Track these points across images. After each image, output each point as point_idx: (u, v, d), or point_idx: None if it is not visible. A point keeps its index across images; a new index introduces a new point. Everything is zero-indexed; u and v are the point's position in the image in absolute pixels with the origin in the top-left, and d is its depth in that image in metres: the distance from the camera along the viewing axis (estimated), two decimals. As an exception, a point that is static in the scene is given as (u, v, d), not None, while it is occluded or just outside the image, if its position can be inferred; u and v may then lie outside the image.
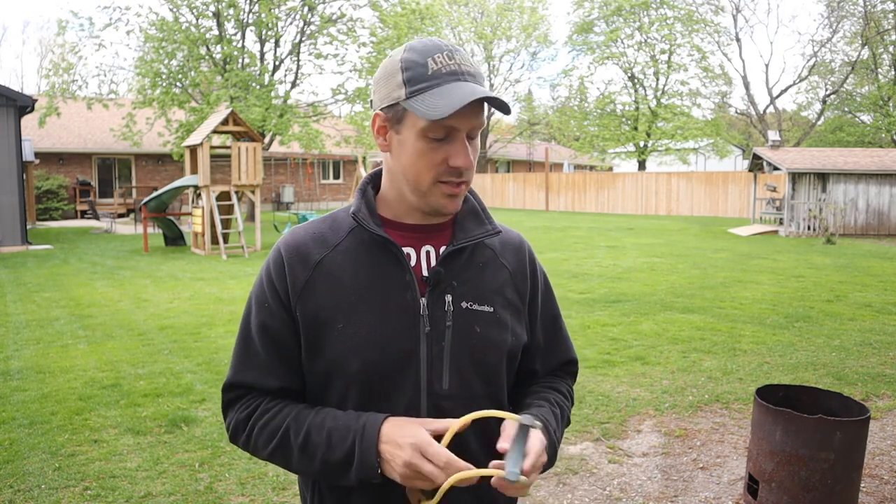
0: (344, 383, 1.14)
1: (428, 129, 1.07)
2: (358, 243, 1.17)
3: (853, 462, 2.93)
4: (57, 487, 3.41)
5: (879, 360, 5.79)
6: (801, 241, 16.60)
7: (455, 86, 1.06)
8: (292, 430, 1.13)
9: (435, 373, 1.14)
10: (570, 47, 35.65)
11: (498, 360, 1.20)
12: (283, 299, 1.16)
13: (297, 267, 1.16)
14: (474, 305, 1.17)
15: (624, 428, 4.28)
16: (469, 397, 1.16)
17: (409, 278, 1.14)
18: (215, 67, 21.37)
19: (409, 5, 22.22)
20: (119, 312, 7.76)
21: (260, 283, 1.20)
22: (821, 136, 33.94)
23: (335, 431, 1.09)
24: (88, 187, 25.40)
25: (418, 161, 1.10)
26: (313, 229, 1.21)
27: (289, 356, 1.18)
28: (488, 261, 1.23)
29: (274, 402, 1.17)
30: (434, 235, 1.20)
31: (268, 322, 1.17)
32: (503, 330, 1.20)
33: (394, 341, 1.13)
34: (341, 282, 1.15)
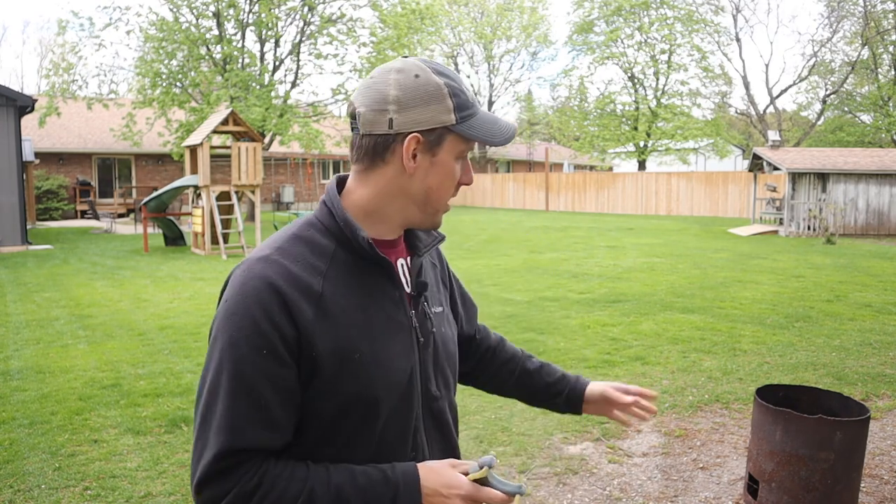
0: (364, 409, 1.10)
1: (461, 152, 1.14)
2: (344, 265, 1.12)
3: (853, 462, 2.93)
4: (57, 487, 3.41)
5: (879, 360, 5.79)
6: (801, 241, 16.60)
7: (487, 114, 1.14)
8: (318, 493, 1.02)
9: (427, 378, 1.20)
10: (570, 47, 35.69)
11: (457, 353, 1.32)
12: (289, 343, 1.04)
13: (301, 303, 1.05)
14: (436, 308, 1.25)
15: (624, 428, 4.28)
16: (448, 394, 1.26)
17: (401, 295, 1.17)
18: (215, 67, 21.37)
19: (409, 5, 22.22)
20: (119, 312, 7.76)
21: (252, 326, 1.03)
22: (821, 136, 33.95)
23: (370, 488, 1.05)
24: (88, 187, 25.41)
25: (447, 181, 1.14)
26: (294, 256, 1.09)
27: (293, 406, 1.07)
28: (430, 262, 1.31)
29: (281, 467, 1.05)
30: (399, 248, 1.22)
31: (273, 370, 1.03)
32: (453, 325, 1.32)
33: (402, 359, 1.15)
34: (346, 310, 1.09)
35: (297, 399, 1.06)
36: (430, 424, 1.21)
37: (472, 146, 1.15)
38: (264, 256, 1.08)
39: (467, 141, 1.12)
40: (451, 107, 1.09)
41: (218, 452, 1.02)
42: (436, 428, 1.22)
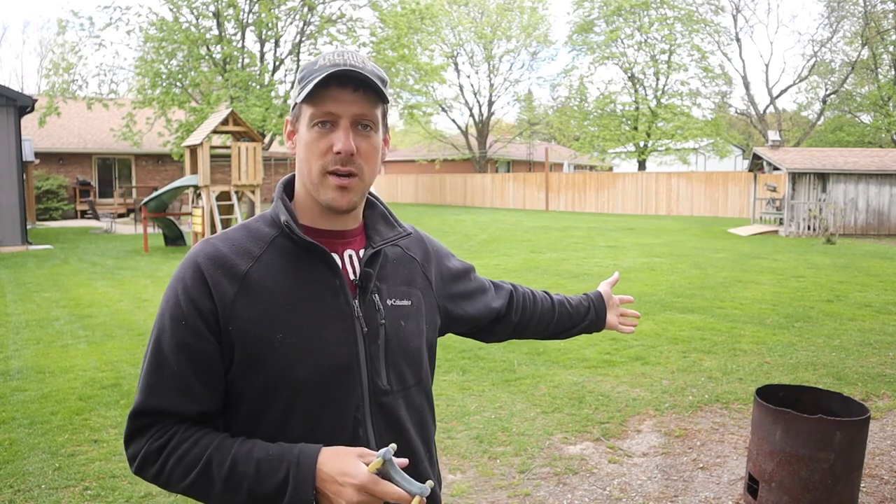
0: (290, 393, 1.12)
1: (312, 116, 1.13)
2: (281, 252, 1.16)
3: (853, 462, 2.93)
4: (57, 487, 3.41)
5: (879, 360, 5.79)
6: (801, 241, 16.59)
7: (328, 72, 1.11)
8: (215, 461, 1.06)
9: (374, 371, 1.18)
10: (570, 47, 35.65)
11: (422, 350, 1.28)
12: (206, 316, 1.10)
13: (222, 281, 1.11)
14: (396, 301, 1.24)
15: (624, 428, 4.28)
16: (405, 390, 1.23)
17: (341, 283, 1.17)
18: (215, 67, 21.37)
19: (409, 5, 22.21)
20: (119, 312, 7.76)
21: (174, 299, 1.12)
22: (821, 136, 33.94)
23: (265, 462, 1.04)
24: (88, 187, 25.40)
25: (308, 152, 1.14)
26: (230, 240, 1.17)
27: (210, 377, 1.11)
28: (399, 257, 1.30)
29: (192, 431, 1.10)
30: (351, 240, 1.23)
31: (188, 341, 1.10)
32: (420, 320, 1.28)
33: (335, 346, 1.14)
34: (272, 292, 1.12)
35: (216, 371, 1.11)
36: (378, 419, 1.18)
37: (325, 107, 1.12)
38: (205, 240, 1.18)
39: (313, 104, 1.12)
40: (297, 81, 1.16)
41: (132, 412, 1.11)
42: (386, 424, 1.19)
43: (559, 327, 1.65)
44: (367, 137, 1.15)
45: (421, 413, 1.27)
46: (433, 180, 35.80)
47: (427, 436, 1.29)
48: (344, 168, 1.13)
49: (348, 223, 1.23)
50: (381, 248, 1.24)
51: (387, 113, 1.22)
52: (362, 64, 1.13)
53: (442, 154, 36.89)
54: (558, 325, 1.65)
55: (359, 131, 1.14)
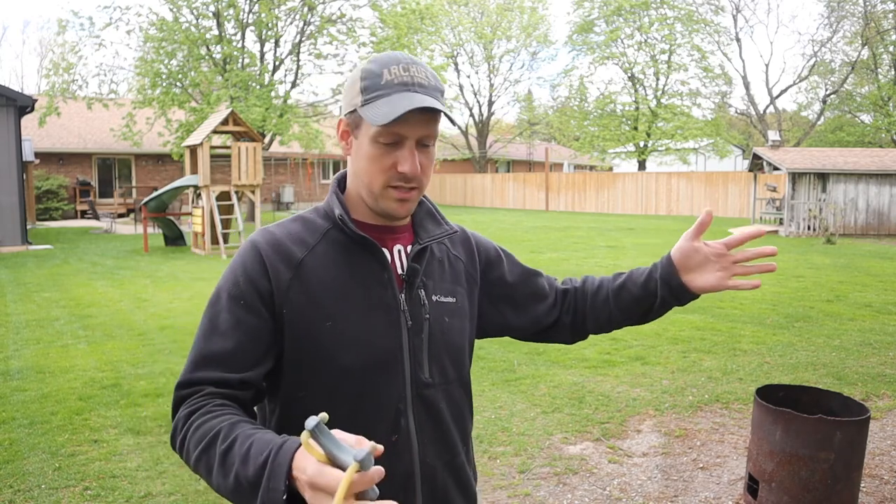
0: (332, 380, 1.16)
1: (378, 134, 1.14)
2: (334, 244, 1.21)
3: (853, 462, 2.93)
4: (57, 487, 3.41)
5: (879, 360, 5.79)
6: (801, 241, 16.59)
7: (402, 95, 1.12)
8: (221, 435, 1.00)
9: (417, 364, 1.21)
10: (570, 47, 35.66)
11: (463, 346, 1.30)
12: (264, 296, 1.14)
13: (279, 266, 1.16)
14: (441, 298, 1.26)
15: (624, 428, 4.28)
16: (446, 384, 1.25)
17: (389, 276, 1.21)
18: (215, 67, 21.36)
19: (409, 5, 22.21)
20: (119, 312, 7.76)
21: (234, 279, 1.16)
22: (821, 136, 33.94)
23: (256, 444, 0.96)
24: (88, 187, 25.40)
25: (370, 165, 1.17)
26: (287, 229, 1.22)
27: (259, 354, 1.13)
28: (445, 256, 1.32)
29: (222, 403, 1.08)
30: (400, 236, 1.27)
31: (245, 318, 1.13)
32: (464, 317, 1.31)
33: (380, 337, 1.18)
34: (325, 281, 1.17)
35: (267, 349, 1.14)
36: (420, 411, 1.21)
37: (393, 128, 1.11)
38: (263, 229, 1.22)
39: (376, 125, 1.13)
40: (358, 90, 1.16)
41: (177, 382, 1.13)
42: (427, 416, 1.22)
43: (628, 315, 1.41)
44: (427, 152, 1.18)
45: (460, 407, 1.30)
46: (433, 180, 35.80)
47: (465, 429, 1.31)
48: (407, 185, 1.17)
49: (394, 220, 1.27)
50: (428, 245, 1.27)
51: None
52: (428, 81, 1.16)
53: (442, 154, 36.88)
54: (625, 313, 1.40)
55: (421, 149, 1.17)
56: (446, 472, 1.24)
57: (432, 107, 1.11)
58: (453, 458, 1.26)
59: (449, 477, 1.25)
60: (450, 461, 1.25)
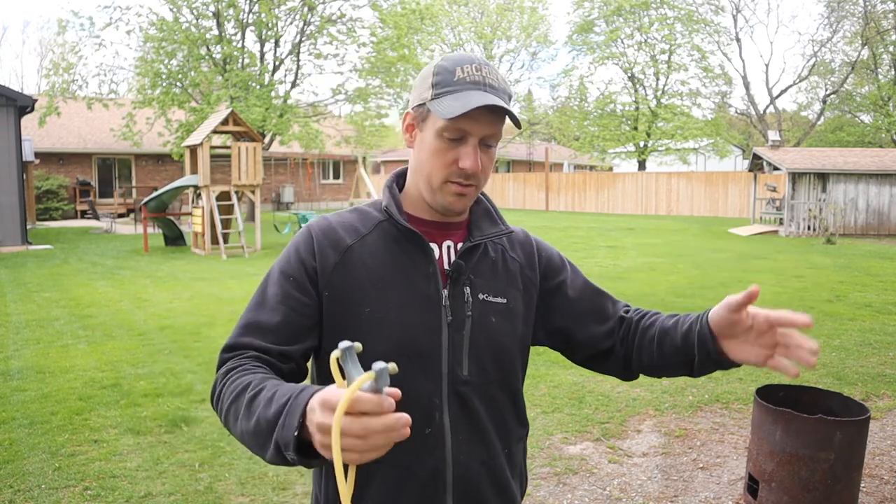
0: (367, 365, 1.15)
1: (444, 129, 1.16)
2: (386, 234, 1.24)
3: (853, 462, 2.93)
4: (57, 487, 3.41)
5: (879, 360, 5.79)
6: (801, 241, 16.59)
7: (472, 93, 1.14)
8: (252, 384, 1.02)
9: (455, 360, 1.21)
10: (570, 47, 35.64)
11: (510, 348, 1.28)
12: (310, 276, 1.19)
13: (327, 249, 1.21)
14: (490, 297, 1.25)
15: (624, 428, 4.28)
16: (485, 383, 1.24)
17: (434, 270, 1.22)
18: (215, 67, 21.36)
19: (409, 5, 22.21)
20: (119, 312, 7.76)
21: (287, 258, 1.23)
22: (821, 136, 33.93)
23: (281, 389, 0.96)
24: (88, 187, 25.39)
25: (433, 158, 1.19)
26: (342, 218, 1.27)
27: (302, 330, 1.18)
28: (500, 256, 1.31)
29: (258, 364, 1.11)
30: (454, 232, 1.28)
31: (291, 293, 1.18)
32: (515, 320, 1.28)
33: (418, 329, 1.19)
34: (370, 269, 1.21)
35: (305, 324, 1.18)
36: (455, 407, 1.20)
37: (459, 124, 1.14)
38: (321, 216, 1.28)
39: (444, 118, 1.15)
40: (429, 84, 1.18)
41: (223, 346, 1.18)
42: (463, 412, 1.21)
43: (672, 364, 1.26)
44: (488, 152, 1.20)
45: (500, 410, 1.27)
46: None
47: (507, 434, 1.28)
48: (466, 182, 1.19)
49: (451, 216, 1.28)
50: (481, 243, 1.27)
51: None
52: (499, 84, 1.18)
53: (442, 154, 36.81)
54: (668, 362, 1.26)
55: (483, 148, 1.19)
56: (483, 470, 1.23)
57: (502, 106, 1.13)
58: (492, 459, 1.25)
59: (485, 476, 1.24)
60: (487, 461, 1.24)
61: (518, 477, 1.33)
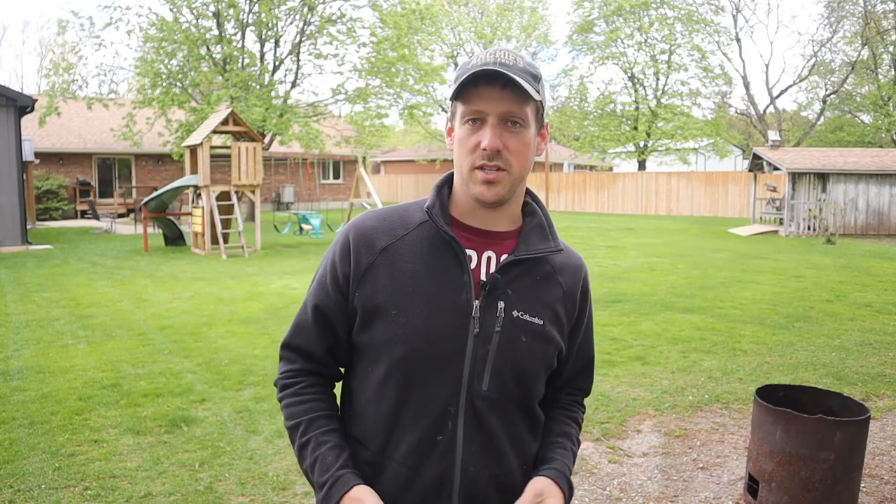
0: (389, 365, 1.19)
1: (463, 115, 1.17)
2: (424, 237, 1.22)
3: (853, 462, 2.93)
4: (57, 487, 3.41)
5: (879, 360, 5.79)
6: (801, 241, 16.59)
7: (479, 70, 1.13)
8: (301, 429, 1.24)
9: (476, 373, 1.19)
10: (570, 47, 35.63)
11: (537, 371, 1.25)
12: (341, 281, 1.23)
13: (362, 251, 1.22)
14: (525, 316, 1.22)
15: (624, 428, 4.28)
16: (503, 401, 1.22)
17: (467, 279, 1.19)
18: (215, 67, 21.36)
19: (409, 5, 22.20)
20: (119, 312, 7.76)
21: (325, 263, 1.28)
22: (821, 136, 33.92)
23: (320, 460, 1.20)
24: (88, 187, 25.39)
25: (459, 148, 1.19)
26: (384, 217, 1.27)
27: (334, 332, 1.26)
28: (545, 276, 1.27)
29: (308, 388, 1.27)
30: (498, 243, 1.25)
31: (322, 301, 1.25)
32: (548, 344, 1.25)
33: (442, 336, 1.18)
34: (402, 271, 1.20)
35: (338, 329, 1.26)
36: (471, 419, 1.18)
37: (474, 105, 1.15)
38: (364, 213, 1.29)
39: (464, 103, 1.16)
40: (453, 80, 1.18)
41: (282, 343, 1.33)
42: (477, 428, 1.19)
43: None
44: (516, 134, 1.16)
45: (517, 429, 1.25)
46: (433, 180, 35.70)
47: (525, 451, 1.27)
48: (491, 163, 1.15)
49: (499, 223, 1.25)
50: (527, 259, 1.23)
51: (541, 109, 1.22)
52: (513, 62, 1.15)
53: (442, 154, 36.85)
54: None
55: (508, 128, 1.15)
56: (492, 484, 1.21)
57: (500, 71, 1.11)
58: (505, 475, 1.23)
59: (494, 490, 1.22)
60: (499, 475, 1.22)
61: None
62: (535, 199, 1.35)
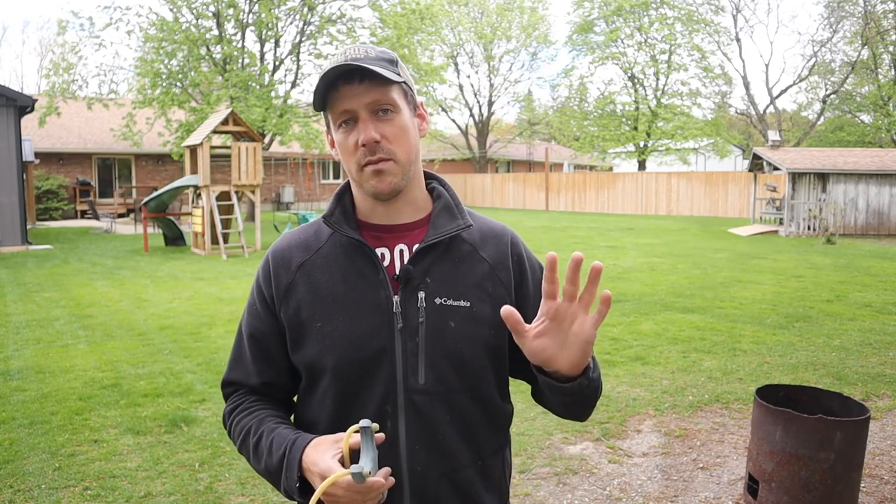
0: (324, 378, 1.19)
1: (334, 119, 1.16)
2: (336, 247, 1.22)
3: (853, 462, 2.93)
4: (57, 487, 3.41)
5: (879, 360, 5.79)
6: (801, 241, 16.59)
7: (334, 72, 1.11)
8: (252, 431, 1.22)
9: (410, 368, 1.16)
10: (570, 47, 35.67)
11: (475, 355, 1.19)
12: (268, 303, 1.24)
13: (281, 271, 1.23)
14: (449, 301, 1.17)
15: (624, 428, 4.28)
16: (446, 392, 1.17)
17: (382, 277, 1.18)
18: (215, 67, 21.36)
19: (409, 5, 22.21)
20: (119, 312, 7.76)
21: (252, 289, 1.29)
22: (821, 136, 33.92)
23: (276, 439, 1.17)
24: (88, 187, 25.39)
25: (343, 154, 1.18)
26: (298, 235, 1.28)
27: (272, 357, 1.26)
28: (465, 255, 1.22)
29: (253, 402, 1.28)
30: (407, 234, 1.22)
31: (255, 326, 1.26)
32: (480, 324, 1.19)
33: (368, 338, 1.16)
34: (320, 283, 1.20)
35: (275, 350, 1.25)
36: (411, 416, 1.15)
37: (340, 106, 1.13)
38: (283, 236, 1.30)
39: (331, 109, 1.15)
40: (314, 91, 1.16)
41: (221, 383, 1.34)
42: (421, 423, 1.16)
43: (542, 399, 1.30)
44: (389, 121, 1.14)
45: (469, 419, 1.20)
46: (433, 180, 35.68)
47: (479, 445, 1.21)
48: (374, 157, 1.14)
49: (404, 215, 1.22)
50: (439, 242, 1.19)
51: (409, 91, 1.19)
52: (364, 54, 1.13)
53: (442, 154, 36.88)
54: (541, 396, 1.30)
55: (380, 118, 1.14)
56: (443, 483, 1.17)
57: (353, 66, 1.09)
58: (455, 472, 1.18)
59: (447, 489, 1.18)
60: (449, 473, 1.18)
61: (494, 490, 1.25)
62: (441, 182, 1.30)
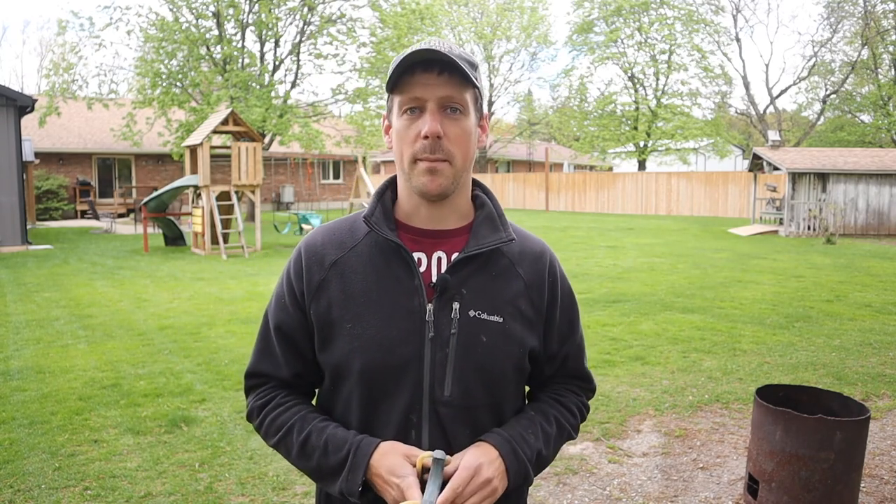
0: (349, 381, 1.17)
1: (400, 105, 1.13)
2: (372, 246, 1.19)
3: (853, 462, 2.93)
4: (57, 487, 3.41)
5: (879, 360, 5.79)
6: (801, 241, 16.59)
7: (414, 57, 1.10)
8: (296, 429, 1.19)
9: (437, 379, 1.14)
10: (570, 47, 35.66)
11: (503, 371, 1.18)
12: (298, 298, 1.21)
13: (314, 267, 1.20)
14: (483, 315, 1.16)
15: (624, 428, 4.28)
16: (470, 406, 1.16)
17: (418, 283, 1.15)
18: (215, 67, 21.36)
19: (409, 5, 22.20)
20: (119, 312, 7.76)
21: (281, 281, 1.26)
22: (821, 136, 33.93)
23: (332, 440, 1.15)
24: (88, 187, 25.39)
25: (399, 141, 1.15)
26: (333, 230, 1.25)
27: (300, 351, 1.24)
28: (503, 270, 1.20)
29: (285, 396, 1.24)
30: (447, 241, 1.20)
31: (283, 319, 1.23)
32: (511, 341, 1.18)
33: (397, 344, 1.14)
34: (353, 283, 1.17)
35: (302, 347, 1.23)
36: (435, 427, 1.15)
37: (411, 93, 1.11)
38: (316, 228, 1.29)
39: (401, 92, 1.13)
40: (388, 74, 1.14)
41: (245, 372, 1.30)
42: (441, 434, 1.15)
43: None
44: (456, 121, 1.12)
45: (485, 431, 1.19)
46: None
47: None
48: (433, 155, 1.11)
49: (446, 221, 1.20)
50: (479, 254, 1.17)
51: (480, 98, 1.18)
52: (448, 49, 1.11)
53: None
54: None
55: (447, 115, 1.11)
56: None
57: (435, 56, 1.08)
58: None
59: None
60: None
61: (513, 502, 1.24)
62: (484, 190, 1.30)
